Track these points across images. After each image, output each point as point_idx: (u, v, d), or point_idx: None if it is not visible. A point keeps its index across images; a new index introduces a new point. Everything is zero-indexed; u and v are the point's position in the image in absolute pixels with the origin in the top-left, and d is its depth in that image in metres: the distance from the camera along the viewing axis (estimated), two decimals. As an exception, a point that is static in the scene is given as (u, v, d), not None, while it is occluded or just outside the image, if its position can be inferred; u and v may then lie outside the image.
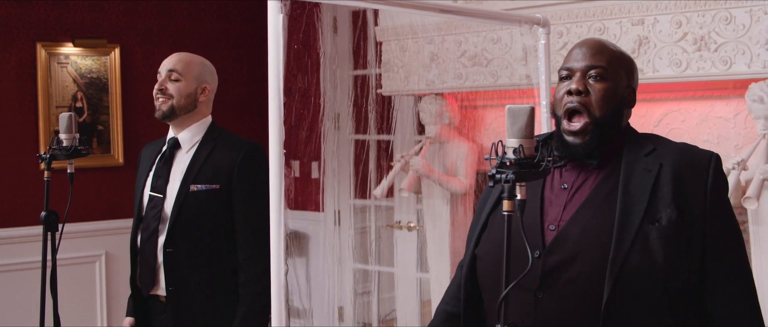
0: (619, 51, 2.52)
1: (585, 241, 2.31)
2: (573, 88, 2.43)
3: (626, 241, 2.26)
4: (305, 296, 6.95)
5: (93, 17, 6.36)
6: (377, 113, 6.23)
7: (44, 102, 6.12)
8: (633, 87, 2.52)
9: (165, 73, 3.69)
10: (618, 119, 2.46)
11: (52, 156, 3.44)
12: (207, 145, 3.70)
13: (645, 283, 2.24)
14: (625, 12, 4.43)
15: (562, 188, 2.44)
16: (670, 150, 2.41)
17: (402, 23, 5.49)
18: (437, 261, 5.69)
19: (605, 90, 2.42)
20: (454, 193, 5.50)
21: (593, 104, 2.41)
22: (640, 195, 2.32)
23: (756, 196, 3.92)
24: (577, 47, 2.51)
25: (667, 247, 2.26)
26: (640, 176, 2.35)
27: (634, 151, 2.42)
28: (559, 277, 2.30)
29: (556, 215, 2.40)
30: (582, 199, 2.39)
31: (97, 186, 6.42)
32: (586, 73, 2.44)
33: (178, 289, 3.60)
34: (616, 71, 2.45)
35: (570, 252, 2.31)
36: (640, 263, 2.24)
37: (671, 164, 2.35)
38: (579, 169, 2.45)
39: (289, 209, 2.63)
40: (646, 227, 2.27)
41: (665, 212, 2.28)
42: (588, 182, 2.42)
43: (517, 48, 4.88)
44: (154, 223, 3.63)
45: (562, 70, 2.49)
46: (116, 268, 6.38)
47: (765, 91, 3.97)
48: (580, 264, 2.29)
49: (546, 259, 2.33)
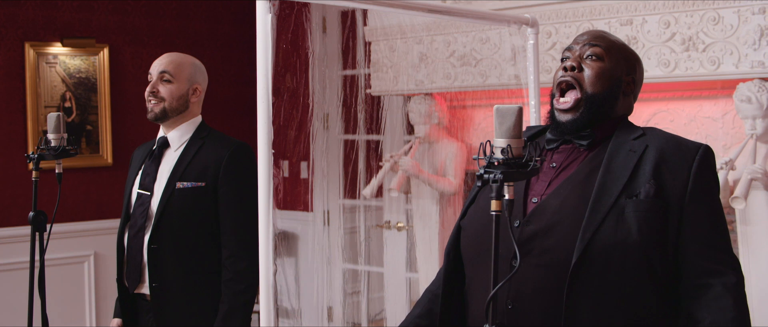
0: (623, 43, 2.55)
1: (562, 213, 2.32)
2: (568, 64, 2.46)
3: (600, 213, 2.27)
4: (294, 296, 6.95)
5: (82, 17, 6.34)
6: (366, 113, 6.22)
7: (33, 102, 6.11)
8: (634, 78, 2.54)
9: (156, 75, 3.69)
10: (611, 101, 2.47)
11: (40, 156, 3.44)
12: (195, 143, 3.71)
13: (616, 256, 2.24)
14: (614, 12, 4.44)
15: (550, 167, 2.46)
16: (660, 136, 2.42)
17: (391, 23, 5.50)
18: (426, 261, 5.69)
19: (600, 68, 2.45)
20: (443, 193, 5.50)
21: (586, 80, 2.44)
22: (621, 172, 2.33)
23: (744, 195, 3.93)
24: (580, 35, 2.56)
25: (642, 221, 2.26)
26: (625, 156, 2.37)
27: (623, 134, 2.44)
28: (535, 246, 2.32)
29: (539, 189, 2.42)
30: (566, 176, 2.42)
31: (86, 186, 6.41)
32: (584, 54, 2.48)
33: (161, 285, 3.60)
34: (614, 56, 2.48)
35: (547, 222, 2.33)
36: (613, 235, 2.25)
37: (657, 146, 2.37)
38: (569, 150, 2.47)
39: (278, 209, 2.62)
40: (622, 201, 2.28)
41: (644, 187, 2.29)
42: (576, 162, 2.44)
43: (505, 48, 4.88)
44: (141, 220, 3.64)
45: (564, 52, 2.53)
46: (105, 268, 6.36)
47: (753, 91, 3.98)
48: (555, 234, 2.30)
49: (524, 228, 2.35)
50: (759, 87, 3.98)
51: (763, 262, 4.06)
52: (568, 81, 2.44)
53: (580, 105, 2.43)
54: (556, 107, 2.47)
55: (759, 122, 4.01)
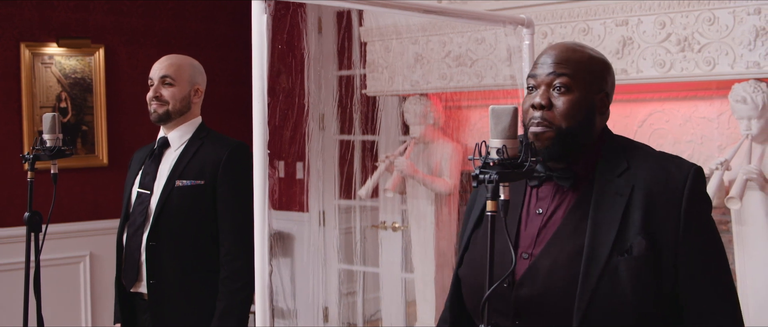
0: (589, 55, 2.39)
1: (555, 275, 2.26)
2: (536, 102, 2.32)
3: (594, 275, 2.20)
4: (290, 297, 6.95)
5: (77, 17, 6.34)
6: (362, 113, 6.23)
7: (28, 102, 6.10)
8: (606, 91, 2.40)
9: (157, 79, 3.70)
10: (587, 128, 2.34)
11: (36, 156, 3.44)
12: (195, 143, 3.75)
13: (614, 316, 2.19)
14: (609, 13, 4.44)
15: (536, 213, 2.37)
16: (645, 168, 2.30)
17: (386, 24, 5.50)
18: (422, 261, 5.70)
19: (570, 102, 2.31)
20: (438, 194, 5.51)
21: (557, 117, 2.30)
22: (610, 223, 2.24)
23: (739, 196, 3.94)
24: (545, 54, 2.40)
25: (636, 279, 2.19)
26: (611, 202, 2.27)
27: (607, 169, 2.33)
28: (532, 311, 2.27)
29: (528, 244, 2.34)
30: (554, 228, 2.33)
31: (82, 186, 6.40)
32: (551, 85, 2.33)
33: (159, 282, 3.61)
34: (583, 79, 2.33)
35: (540, 286, 2.26)
36: (609, 296, 2.19)
37: (644, 188, 2.26)
38: (554, 190, 2.37)
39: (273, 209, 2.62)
40: (615, 259, 2.21)
41: (635, 241, 2.21)
42: (562, 207, 2.34)
43: (501, 48, 4.89)
44: (140, 218, 3.66)
45: (529, 79, 2.40)
46: (101, 268, 6.36)
47: (748, 91, 3.99)
48: (551, 298, 2.25)
49: (518, 292, 2.29)
50: (754, 87, 3.99)
51: (757, 263, 4.07)
52: (539, 124, 2.30)
53: (553, 141, 2.30)
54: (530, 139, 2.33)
55: (754, 122, 4.02)
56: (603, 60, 2.41)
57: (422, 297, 5.74)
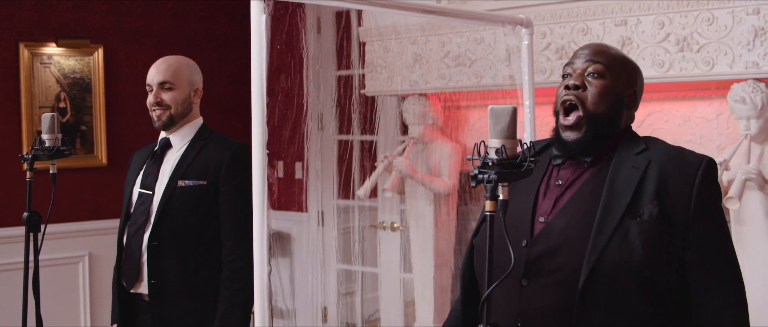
0: (623, 56, 2.56)
1: (568, 233, 2.36)
2: (570, 83, 2.47)
3: (605, 234, 2.30)
4: (289, 297, 6.95)
5: (77, 17, 6.33)
6: (361, 113, 6.23)
7: (27, 102, 6.10)
8: (635, 90, 2.54)
9: (156, 85, 3.69)
10: (615, 117, 2.48)
11: (35, 156, 3.44)
12: (197, 144, 3.74)
13: (622, 276, 2.28)
14: (609, 13, 4.44)
15: (556, 185, 2.49)
16: (662, 150, 2.44)
17: (385, 24, 5.50)
18: (421, 261, 5.70)
19: (602, 86, 2.45)
20: (437, 194, 5.51)
21: (589, 99, 2.44)
22: (625, 190, 2.35)
23: (738, 196, 3.94)
24: (581, 49, 2.56)
25: (646, 242, 2.29)
26: (628, 173, 2.38)
27: (626, 149, 2.46)
28: (543, 267, 2.36)
29: (546, 208, 2.45)
30: (571, 194, 2.44)
31: (81, 186, 6.40)
32: (586, 71, 2.48)
33: (160, 282, 3.61)
34: (616, 71, 2.49)
35: (553, 243, 2.37)
36: (618, 256, 2.28)
37: (659, 162, 2.38)
38: (575, 166, 2.49)
39: (272, 209, 2.62)
40: (627, 221, 2.31)
41: (647, 207, 2.31)
42: (580, 179, 2.46)
43: (500, 48, 4.88)
44: (142, 218, 3.65)
45: (566, 67, 2.54)
46: (100, 268, 6.35)
47: (747, 91, 3.99)
48: (562, 255, 2.34)
49: (531, 249, 2.39)
50: (753, 87, 3.99)
51: (757, 262, 4.07)
52: (572, 100, 2.45)
53: (583, 124, 2.44)
54: (562, 124, 2.49)
55: (753, 123, 4.02)
56: (635, 64, 2.58)
57: (421, 297, 5.74)
